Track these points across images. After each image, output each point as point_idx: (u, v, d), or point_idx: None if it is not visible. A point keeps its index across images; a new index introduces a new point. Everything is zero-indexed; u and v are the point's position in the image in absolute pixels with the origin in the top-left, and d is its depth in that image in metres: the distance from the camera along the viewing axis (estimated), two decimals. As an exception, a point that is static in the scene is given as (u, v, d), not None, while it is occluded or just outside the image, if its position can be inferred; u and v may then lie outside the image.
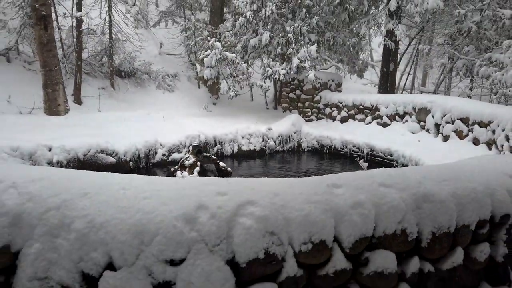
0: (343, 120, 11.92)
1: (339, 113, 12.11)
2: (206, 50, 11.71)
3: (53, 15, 10.63)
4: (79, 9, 11.10)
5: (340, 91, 13.34)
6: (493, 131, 7.22)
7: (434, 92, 14.20)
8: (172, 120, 10.92)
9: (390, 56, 13.10)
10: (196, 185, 2.12)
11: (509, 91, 8.48)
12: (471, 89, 11.87)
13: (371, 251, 2.17)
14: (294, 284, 2.00)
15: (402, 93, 15.85)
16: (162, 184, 2.11)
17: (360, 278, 2.17)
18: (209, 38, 12.59)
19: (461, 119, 8.24)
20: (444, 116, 8.75)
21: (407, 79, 16.49)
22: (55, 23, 11.05)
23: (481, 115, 7.63)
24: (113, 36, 12.60)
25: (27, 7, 11.38)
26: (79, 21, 11.11)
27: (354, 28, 12.67)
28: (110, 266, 1.80)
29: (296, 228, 1.99)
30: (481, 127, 7.63)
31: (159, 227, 1.84)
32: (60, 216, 1.83)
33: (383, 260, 2.16)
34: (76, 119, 9.76)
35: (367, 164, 5.88)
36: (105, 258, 1.80)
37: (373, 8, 12.81)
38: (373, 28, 13.00)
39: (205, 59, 11.29)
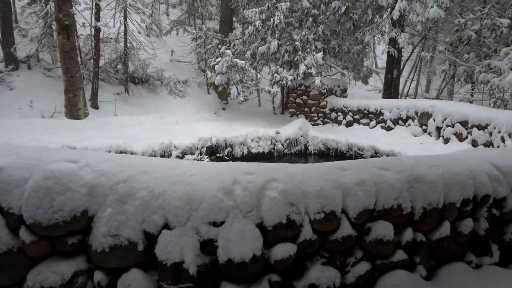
0: (348, 124, 12.38)
1: (344, 118, 12.57)
2: (217, 58, 12.26)
3: (73, 24, 11.23)
4: (97, 19, 11.72)
5: (345, 97, 13.82)
6: (490, 133, 7.65)
7: (437, 98, 14.63)
8: (184, 124, 11.45)
9: (393, 63, 13.58)
10: (230, 166, 2.61)
11: (506, 95, 8.90)
12: (472, 95, 12.30)
13: (373, 222, 2.64)
14: (310, 246, 2.47)
15: (406, 99, 16.27)
16: (203, 166, 2.60)
17: (363, 244, 2.64)
18: (219, 46, 13.15)
19: (460, 123, 8.67)
20: (445, 120, 9.19)
21: (410, 85, 16.92)
22: (74, 32, 11.65)
23: (479, 119, 8.07)
24: (128, 44, 13.20)
25: (48, 17, 12.02)
26: (97, 30, 11.72)
27: (358, 36, 13.18)
28: (166, 226, 2.29)
29: (311, 200, 2.47)
30: (479, 129, 8.05)
31: (203, 196, 2.33)
32: (127, 187, 2.32)
33: (382, 230, 2.62)
34: (95, 122, 10.32)
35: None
36: (163, 220, 2.28)
37: (377, 17, 13.32)
38: (377, 36, 13.50)
39: (216, 66, 11.83)
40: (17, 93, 11.45)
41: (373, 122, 11.62)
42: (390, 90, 13.96)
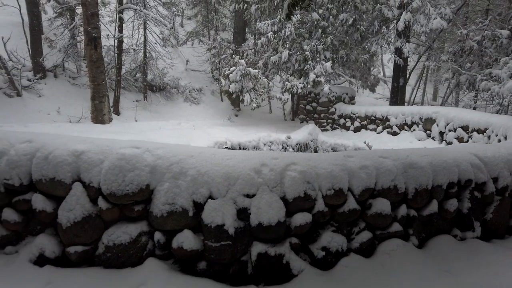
0: (356, 130, 12.96)
1: (352, 124, 13.16)
2: (231, 67, 13.00)
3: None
4: (120, 31, 12.55)
5: (353, 104, 14.44)
6: (489, 137, 8.18)
7: (442, 105, 15.16)
8: (200, 129, 12.16)
9: (399, 72, 14.18)
10: (258, 153, 3.26)
11: (505, 102, 9.44)
12: (475, 102, 12.82)
13: (373, 199, 3.26)
14: (322, 216, 3.09)
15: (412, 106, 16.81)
16: (237, 152, 3.25)
17: (366, 217, 3.25)
18: (233, 55, 13.90)
19: (462, 127, 9.22)
20: (447, 125, 9.74)
21: (416, 93, 17.47)
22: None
23: (478, 123, 8.62)
24: (147, 54, 14.01)
25: (74, 29, 12.88)
26: (120, 41, 12.54)
27: (366, 46, 13.83)
28: (211, 197, 2.93)
29: (323, 179, 3.10)
30: (478, 133, 8.60)
31: (239, 175, 2.97)
32: (179, 167, 2.98)
33: (381, 205, 3.24)
34: (118, 127, 11.07)
35: (372, 145, 6.99)
36: (208, 192, 2.93)
37: (384, 28, 13.97)
38: (383, 46, 14.14)
39: (230, 74, 12.56)
40: (45, 100, 12.28)
41: (380, 128, 12.19)
42: (397, 97, 14.53)
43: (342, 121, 13.55)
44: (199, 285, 2.84)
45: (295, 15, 12.82)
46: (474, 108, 12.76)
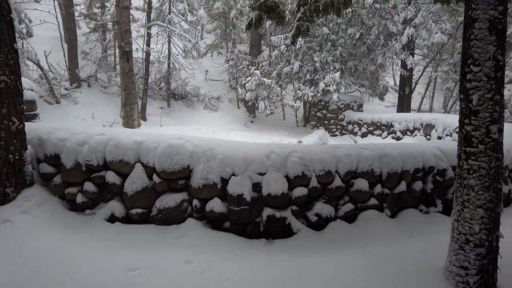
0: (363, 135, 13.93)
1: (360, 129, 14.14)
2: (247, 77, 14.20)
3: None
4: (148, 45, 13.92)
5: (361, 111, 15.43)
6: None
7: (447, 112, 16.02)
8: (220, 133, 13.34)
9: (405, 82, 15.12)
10: (268, 144, 4.37)
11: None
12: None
13: (355, 179, 4.32)
14: (316, 191, 4.17)
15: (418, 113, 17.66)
16: (253, 144, 4.37)
17: (349, 192, 4.31)
18: (249, 66, 15.11)
19: (456, 132, 10.12)
20: (445, 130, 10.66)
21: (422, 101, 18.31)
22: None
23: (470, 128, 9.52)
24: (171, 65, 15.35)
25: (106, 44, 14.31)
26: (147, 54, 13.90)
27: (373, 58, 14.85)
28: (233, 174, 4.05)
29: (316, 163, 4.18)
30: (470, 137, 9.48)
31: (253, 159, 4.08)
32: (211, 153, 4.11)
33: (361, 184, 4.29)
34: (146, 131, 12.33)
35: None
36: (231, 171, 4.05)
37: (389, 41, 14.98)
38: (389, 58, 15.13)
39: (246, 84, 13.75)
40: (80, 107, 13.69)
41: (385, 133, 13.14)
42: (403, 105, 15.46)
43: (350, 127, 14.55)
44: (225, 238, 3.95)
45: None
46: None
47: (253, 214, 4.05)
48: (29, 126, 4.40)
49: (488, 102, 2.45)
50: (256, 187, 4.05)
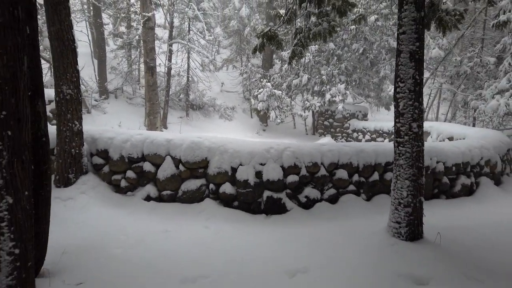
0: (367, 142, 14.97)
1: (363, 137, 15.19)
2: (259, 89, 15.47)
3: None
4: (170, 60, 15.38)
5: (366, 120, 16.47)
6: (466, 145, 10.03)
7: (446, 121, 16.91)
8: (233, 140, 14.55)
9: (407, 92, 16.10)
10: (268, 142, 5.58)
11: (486, 118, 11.25)
12: (474, 118, 14.53)
13: (337, 170, 5.46)
14: (305, 178, 5.33)
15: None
16: (258, 142, 5.58)
17: (332, 180, 5.46)
18: (261, 79, 16.40)
19: (448, 138, 11.11)
20: (438, 136, 11.64)
21: (428, 111, 19.20)
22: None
23: (459, 134, 10.52)
24: (189, 78, 16.77)
25: (133, 59, 15.83)
26: (169, 69, 15.35)
27: (377, 70, 15.95)
28: (241, 164, 5.25)
29: (306, 157, 5.35)
30: (459, 142, 10.44)
31: (257, 152, 5.29)
32: (223, 148, 5.33)
33: (342, 174, 5.44)
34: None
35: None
36: (239, 162, 5.25)
37: (393, 55, 16.06)
38: (392, 70, 16.19)
39: (259, 95, 15.01)
40: (109, 116, 15.18)
41: (386, 140, 14.15)
42: (405, 114, 16.39)
43: (355, 134, 15.62)
44: (234, 213, 5.14)
45: (314, 44, 15.21)
46: (473, 124, 14.45)
47: (256, 195, 5.23)
48: (84, 128, 5.72)
49: (410, 107, 3.60)
50: (258, 174, 5.24)
